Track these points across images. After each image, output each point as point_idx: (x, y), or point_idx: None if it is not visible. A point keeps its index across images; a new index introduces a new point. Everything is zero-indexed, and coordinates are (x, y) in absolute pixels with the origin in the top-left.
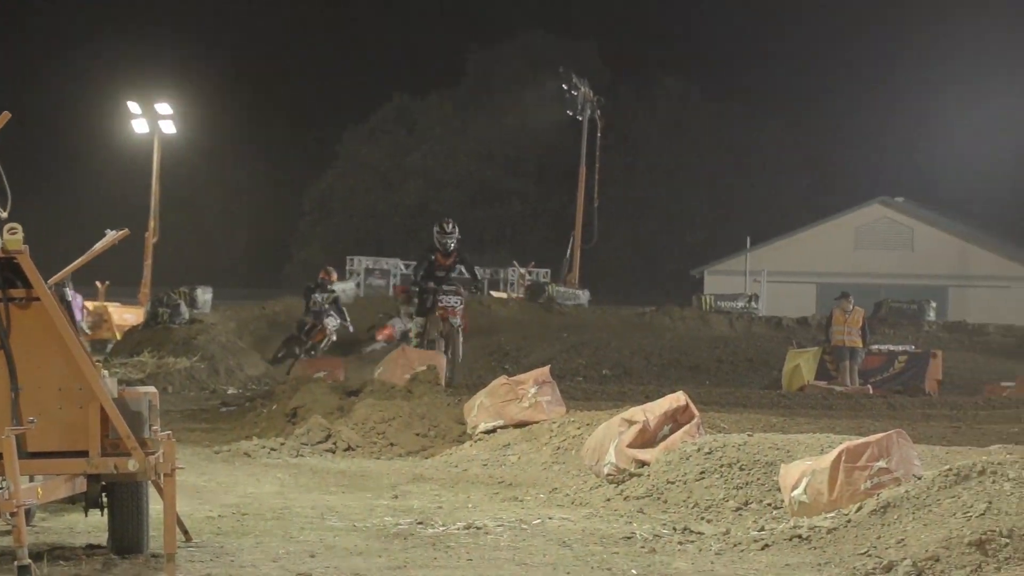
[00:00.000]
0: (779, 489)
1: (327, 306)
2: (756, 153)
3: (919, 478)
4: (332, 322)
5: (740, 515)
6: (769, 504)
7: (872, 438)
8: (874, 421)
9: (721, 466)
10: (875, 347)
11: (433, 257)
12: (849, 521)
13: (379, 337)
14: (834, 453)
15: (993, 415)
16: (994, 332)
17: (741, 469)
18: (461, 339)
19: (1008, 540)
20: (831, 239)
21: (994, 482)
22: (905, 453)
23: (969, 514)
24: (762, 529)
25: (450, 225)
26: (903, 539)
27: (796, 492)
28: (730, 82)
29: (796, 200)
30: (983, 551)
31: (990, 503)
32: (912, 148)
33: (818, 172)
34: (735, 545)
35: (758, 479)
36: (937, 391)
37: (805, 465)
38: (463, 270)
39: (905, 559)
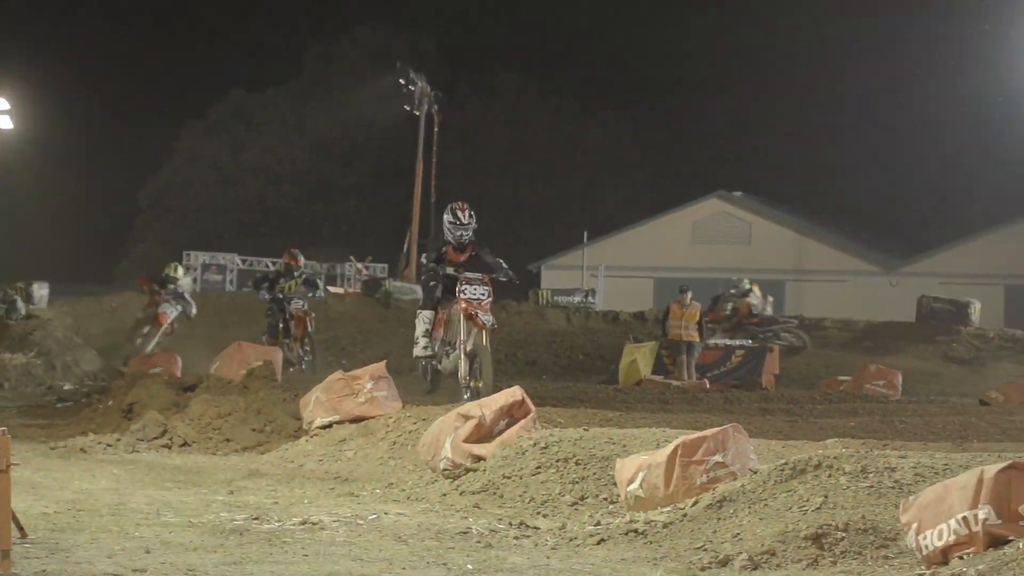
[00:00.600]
0: (615, 484)
1: (293, 291)
2: (594, 147)
3: (755, 472)
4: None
5: (576, 510)
6: (605, 499)
7: (708, 432)
8: (711, 416)
9: (557, 461)
10: (712, 342)
11: (444, 251)
12: (685, 515)
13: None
14: (670, 448)
15: (830, 409)
16: (831, 326)
17: (577, 464)
18: (490, 349)
19: (844, 534)
20: (669, 233)
21: (830, 476)
22: (741, 447)
23: (805, 508)
24: (598, 524)
25: (466, 214)
26: (739, 533)
27: (632, 487)
28: (568, 76)
29: (634, 194)
30: (819, 545)
31: (826, 497)
32: (750, 143)
33: (656, 166)
34: (571, 540)
35: (594, 474)
36: (774, 385)
37: (641, 460)
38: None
39: (741, 553)
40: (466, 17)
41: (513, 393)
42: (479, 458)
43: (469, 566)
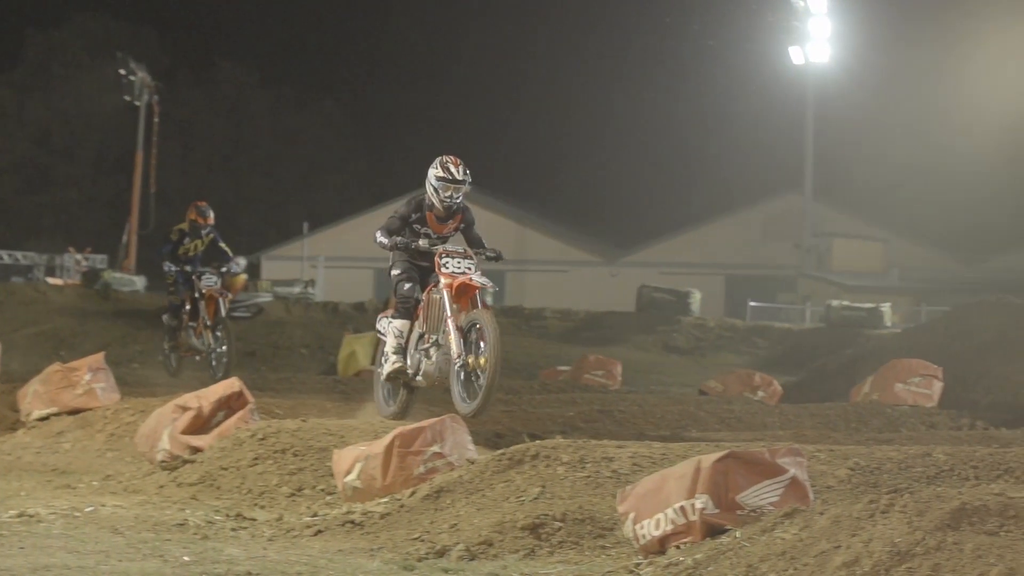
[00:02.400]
0: (333, 475)
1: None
2: (314, 138)
3: (473, 463)
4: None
5: (294, 501)
6: (323, 490)
7: (425, 423)
8: (430, 407)
9: (275, 452)
10: None
11: (418, 216)
12: (403, 506)
13: None
14: (387, 438)
15: (549, 399)
16: (551, 316)
17: (295, 455)
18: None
19: (561, 524)
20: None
21: (547, 466)
22: (459, 438)
23: (523, 498)
24: (315, 515)
25: (460, 169)
26: (456, 524)
27: (349, 478)
28: (287, 67)
29: (355, 185)
30: (536, 535)
31: (544, 487)
32: (469, 133)
33: (376, 157)
34: (288, 531)
35: (312, 465)
36: None
37: (359, 451)
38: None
39: (458, 544)
40: (187, 7)
41: (231, 384)
42: (197, 449)
43: (186, 558)
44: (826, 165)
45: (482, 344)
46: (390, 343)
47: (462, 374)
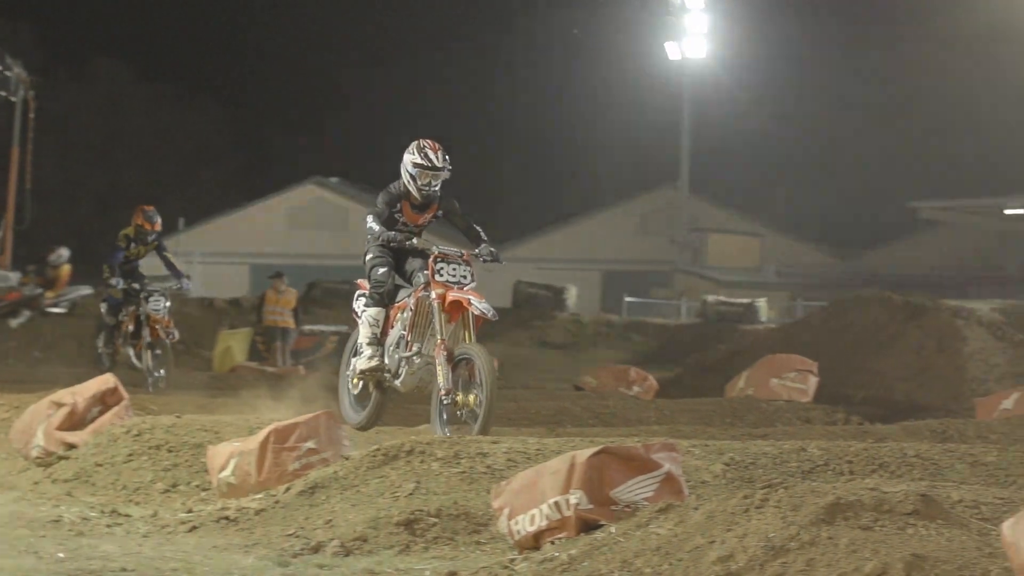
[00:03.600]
0: (207, 471)
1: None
2: (191, 133)
3: (348, 458)
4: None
5: (168, 497)
6: (198, 486)
7: (301, 419)
8: (307, 403)
9: (150, 448)
10: (307, 327)
11: (397, 207)
12: (277, 502)
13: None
14: (262, 434)
15: (423, 395)
16: None
17: (170, 451)
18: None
19: (436, 519)
20: (265, 220)
21: (422, 462)
22: (334, 433)
23: (397, 494)
24: (190, 511)
25: (439, 154)
26: (331, 520)
27: (224, 474)
28: (164, 62)
29: (230, 180)
30: (411, 531)
31: (418, 483)
32: (346, 128)
33: (251, 152)
34: (163, 527)
35: (187, 461)
36: None
37: (233, 447)
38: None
39: (333, 539)
40: (63, 2)
41: (106, 380)
42: (71, 446)
43: (60, 554)
44: (702, 160)
45: (473, 381)
46: (364, 333)
47: (446, 411)
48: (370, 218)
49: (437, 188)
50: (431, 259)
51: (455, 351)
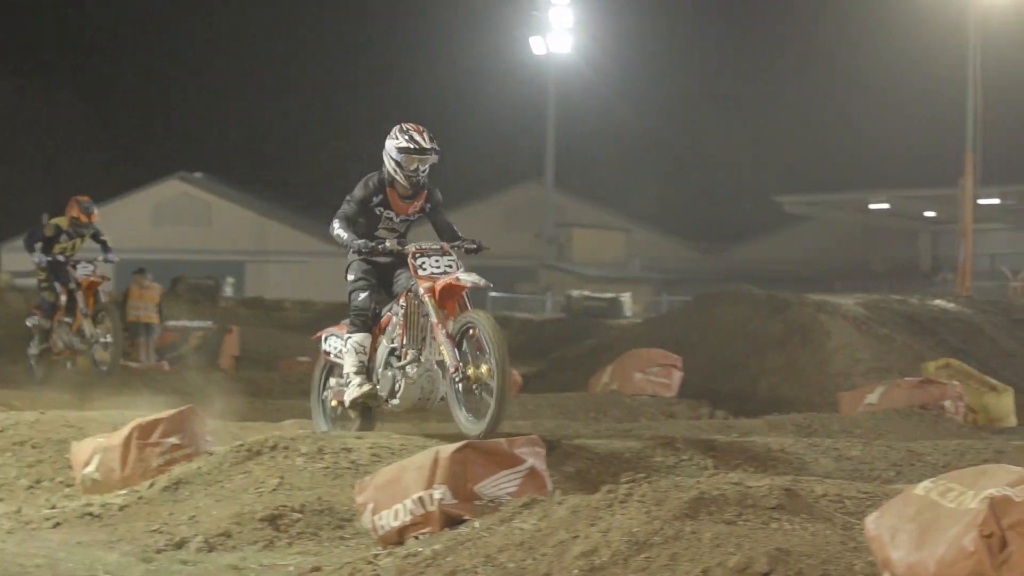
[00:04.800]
0: (71, 467)
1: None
2: (54, 128)
3: (212, 454)
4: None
5: (32, 493)
6: (62, 482)
7: (164, 414)
8: (167, 396)
9: (13, 444)
10: (171, 323)
11: (380, 198)
12: (141, 498)
13: None
14: (126, 430)
15: (288, 390)
16: (291, 307)
17: (33, 447)
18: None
19: (300, 515)
20: (129, 215)
21: (286, 457)
22: (198, 429)
23: (261, 489)
24: (54, 507)
25: (425, 136)
26: (195, 515)
27: (88, 470)
28: (27, 57)
29: (94, 176)
30: (275, 526)
31: (283, 478)
32: (213, 123)
33: (116, 147)
34: (27, 523)
35: (51, 457)
36: (233, 367)
37: (97, 442)
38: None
39: (197, 535)
40: None
41: None
42: None
43: None
44: (567, 155)
45: (481, 350)
46: (350, 363)
47: (461, 389)
48: (336, 225)
49: (426, 172)
50: (410, 256)
51: (454, 326)
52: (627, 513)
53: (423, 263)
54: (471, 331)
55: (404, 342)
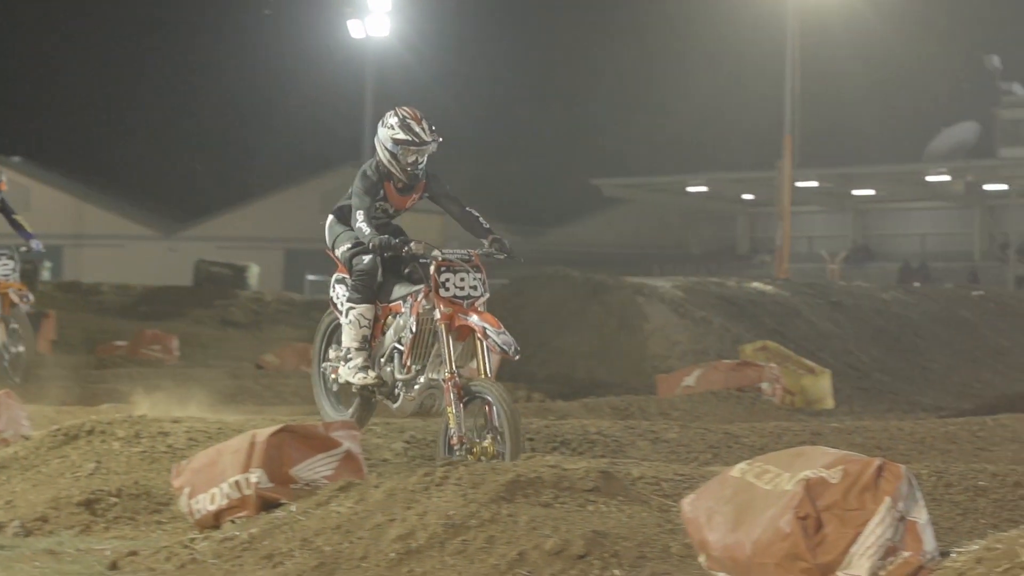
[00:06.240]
0: None
1: None
2: None
3: (28, 439)
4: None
5: None
6: None
7: None
8: None
9: None
10: None
11: (381, 193)
12: None
13: None
14: None
15: (105, 375)
16: (108, 291)
17: None
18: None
19: (117, 499)
20: None
21: (103, 442)
22: (14, 414)
23: (78, 474)
24: None
25: (424, 126)
26: (11, 500)
27: None
28: None
29: None
30: (92, 511)
31: (99, 463)
32: (28, 103)
33: None
34: None
35: None
36: (50, 352)
37: None
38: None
39: (14, 520)
40: None
41: None
42: None
43: None
44: None
45: (495, 427)
46: (351, 335)
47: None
48: (360, 216)
49: (423, 164)
50: (433, 268)
51: (466, 386)
52: (444, 496)
53: (447, 280)
54: (485, 401)
55: (409, 359)
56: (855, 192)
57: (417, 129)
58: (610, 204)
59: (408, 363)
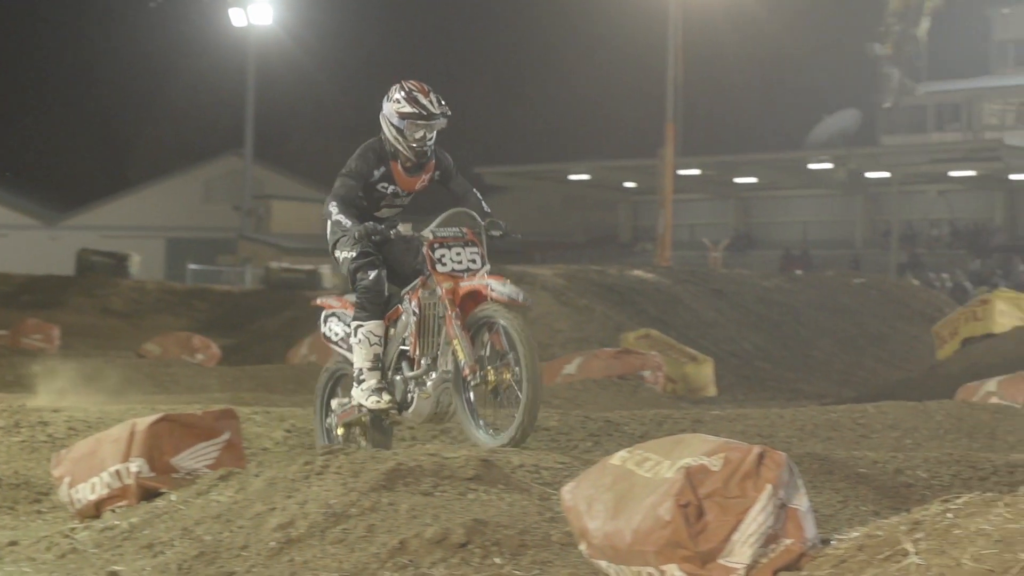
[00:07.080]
0: None
1: None
2: None
3: None
4: None
5: None
6: None
7: None
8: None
9: None
10: None
11: (382, 171)
12: None
13: None
14: None
15: None
16: None
17: None
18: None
19: None
20: None
21: None
22: None
23: None
24: None
25: (433, 99)
26: None
27: None
28: None
29: None
30: None
31: None
32: None
33: None
34: None
35: None
36: None
37: None
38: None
39: None
40: None
41: None
42: None
43: None
44: (266, 127)
45: (503, 350)
46: (363, 356)
47: (473, 397)
48: (333, 208)
49: (432, 140)
50: (426, 247)
51: (472, 317)
52: (324, 485)
53: (442, 255)
54: (493, 324)
55: (417, 351)
56: (737, 180)
57: (424, 101)
58: (492, 192)
59: (416, 355)
